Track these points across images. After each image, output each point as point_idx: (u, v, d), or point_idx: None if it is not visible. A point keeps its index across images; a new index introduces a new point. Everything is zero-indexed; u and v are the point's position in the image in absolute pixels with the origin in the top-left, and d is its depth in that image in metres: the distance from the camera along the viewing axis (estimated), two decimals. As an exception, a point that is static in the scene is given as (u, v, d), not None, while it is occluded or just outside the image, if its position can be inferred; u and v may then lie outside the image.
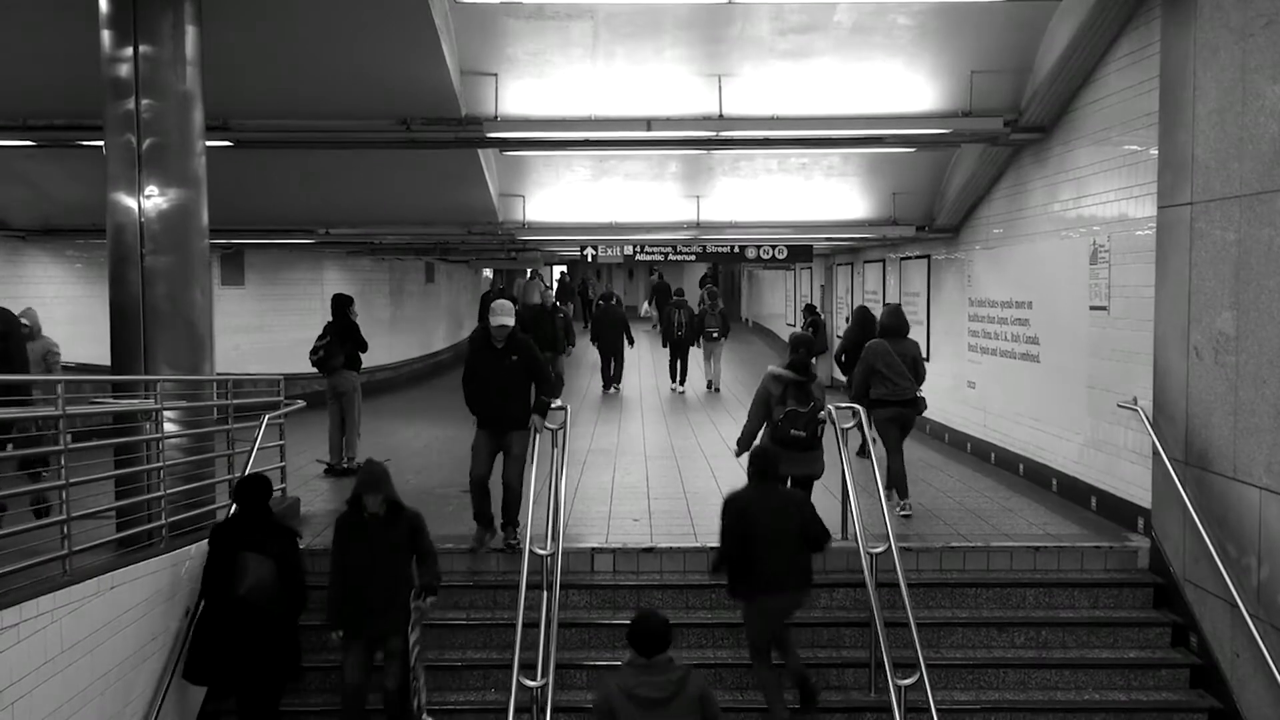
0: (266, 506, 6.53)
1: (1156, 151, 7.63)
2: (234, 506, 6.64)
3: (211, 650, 6.29)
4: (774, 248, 14.80)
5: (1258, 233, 6.29)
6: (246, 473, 7.18)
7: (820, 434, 7.77)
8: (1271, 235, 6.15)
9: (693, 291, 24.82)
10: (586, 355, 23.27)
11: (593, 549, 7.99)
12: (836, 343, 19.62)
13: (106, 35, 7.04)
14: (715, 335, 18.30)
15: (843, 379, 11.43)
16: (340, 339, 11.02)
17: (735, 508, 6.62)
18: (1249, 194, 6.37)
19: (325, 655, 7.00)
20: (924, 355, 9.84)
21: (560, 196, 14.09)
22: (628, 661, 5.36)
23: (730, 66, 9.69)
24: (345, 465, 10.96)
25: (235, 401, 8.36)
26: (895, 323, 9.34)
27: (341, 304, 11.27)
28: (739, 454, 7.93)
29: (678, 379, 18.38)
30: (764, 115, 9.93)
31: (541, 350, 14.10)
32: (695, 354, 18.93)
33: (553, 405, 8.16)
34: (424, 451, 12.40)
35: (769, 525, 6.50)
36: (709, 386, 18.40)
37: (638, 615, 5.40)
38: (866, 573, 7.03)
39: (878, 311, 11.26)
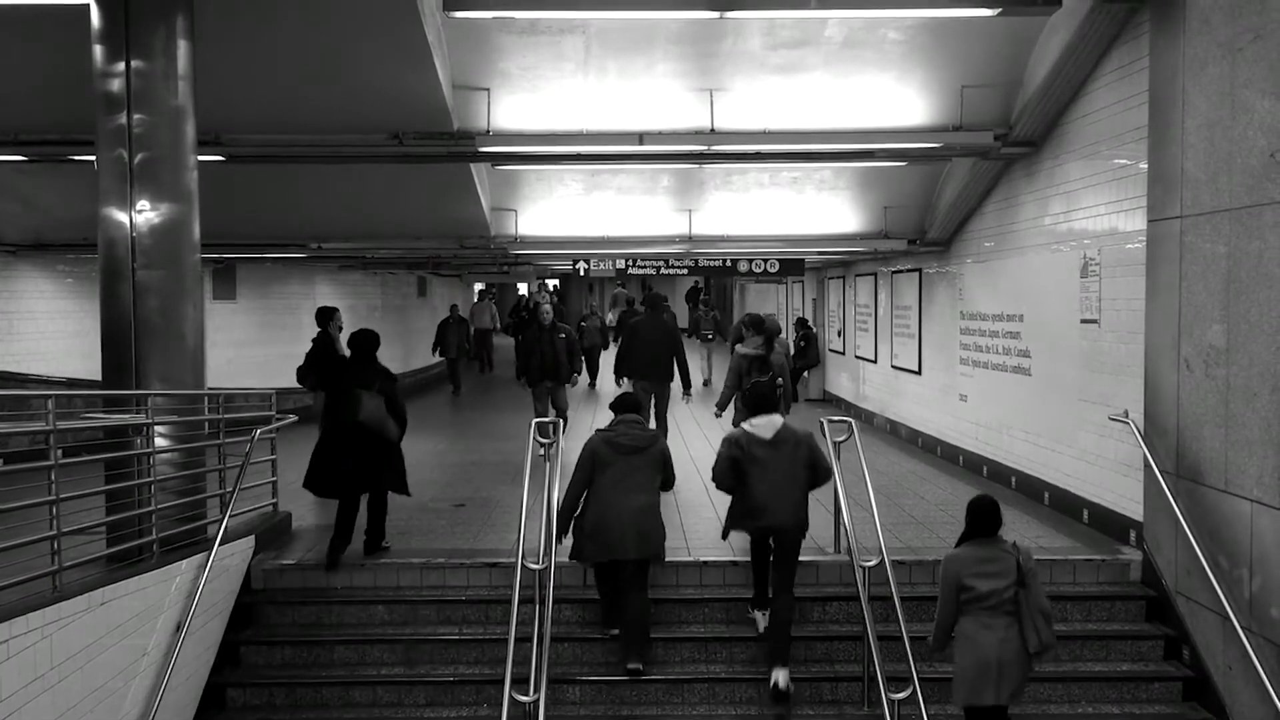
0: (374, 355, 8.19)
1: (1146, 165, 7.67)
2: (348, 354, 8.35)
3: (330, 466, 8.00)
4: (766, 261, 14.84)
5: (1247, 246, 6.32)
6: (360, 328, 8.57)
7: (779, 396, 8.80)
8: (1261, 248, 6.18)
9: (678, 305, 25.66)
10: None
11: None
12: (828, 355, 19.74)
13: (98, 50, 7.05)
14: (710, 336, 21.57)
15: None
16: (313, 358, 10.89)
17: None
18: (1238, 207, 6.40)
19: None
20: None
21: (552, 210, 14.11)
22: (611, 421, 7.44)
23: (722, 81, 9.72)
24: None
25: (227, 416, 8.34)
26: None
27: (320, 318, 11.12)
28: (719, 415, 9.99)
29: None
30: (756, 129, 9.97)
31: (541, 379, 12.01)
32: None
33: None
34: (416, 467, 12.27)
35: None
36: (705, 383, 19.14)
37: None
38: (860, 586, 7.03)
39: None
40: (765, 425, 7.08)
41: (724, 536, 7.44)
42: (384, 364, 8.38)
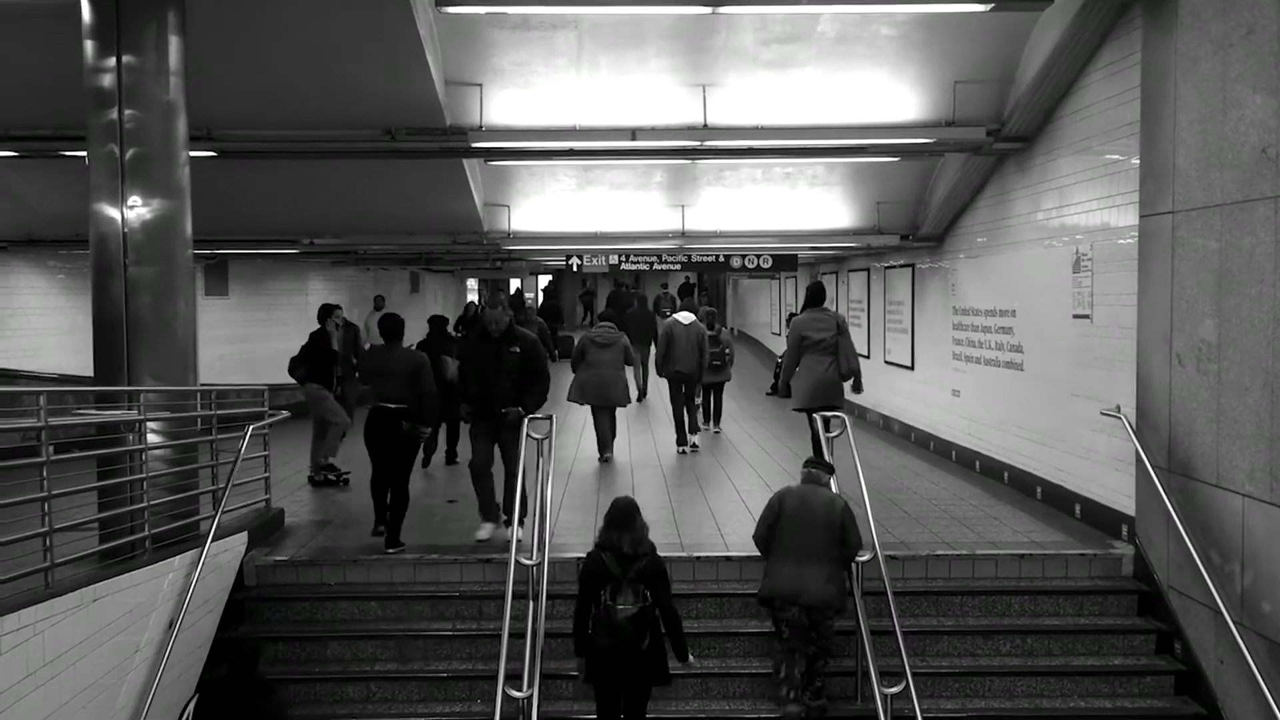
0: (444, 331, 11.80)
1: (1138, 161, 7.69)
2: (428, 331, 11.90)
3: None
4: (759, 257, 14.84)
5: (1239, 241, 6.33)
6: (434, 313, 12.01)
7: (729, 360, 13.86)
8: (1252, 244, 6.20)
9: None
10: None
11: (579, 559, 7.95)
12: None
13: (89, 45, 7.02)
14: (666, 314, 23.08)
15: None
16: (307, 351, 11.01)
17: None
18: (1230, 203, 6.41)
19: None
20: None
21: (545, 206, 14.09)
22: (595, 324, 12.07)
23: (714, 76, 9.72)
24: (312, 478, 10.98)
25: (219, 412, 8.33)
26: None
27: (320, 314, 11.24)
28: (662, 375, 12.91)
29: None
30: (748, 125, 9.96)
31: (484, 413, 8.42)
32: None
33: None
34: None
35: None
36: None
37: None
38: (853, 582, 7.04)
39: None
40: (685, 315, 12.81)
41: (660, 373, 12.85)
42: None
